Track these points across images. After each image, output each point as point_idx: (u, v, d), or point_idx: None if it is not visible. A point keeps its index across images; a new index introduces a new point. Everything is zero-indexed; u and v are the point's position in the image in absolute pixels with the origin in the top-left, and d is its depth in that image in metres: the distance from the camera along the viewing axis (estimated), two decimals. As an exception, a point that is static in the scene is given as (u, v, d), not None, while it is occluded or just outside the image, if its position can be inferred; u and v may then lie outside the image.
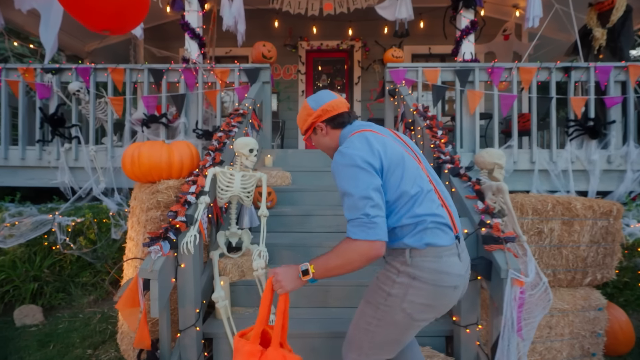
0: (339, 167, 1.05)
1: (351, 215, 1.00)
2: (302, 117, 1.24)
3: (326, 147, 1.25)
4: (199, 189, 1.92)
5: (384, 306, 1.08)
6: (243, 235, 2.23)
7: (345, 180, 1.03)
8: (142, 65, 3.64)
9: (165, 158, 2.09)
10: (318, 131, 1.22)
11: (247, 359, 1.02)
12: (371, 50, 6.25)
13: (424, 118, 2.68)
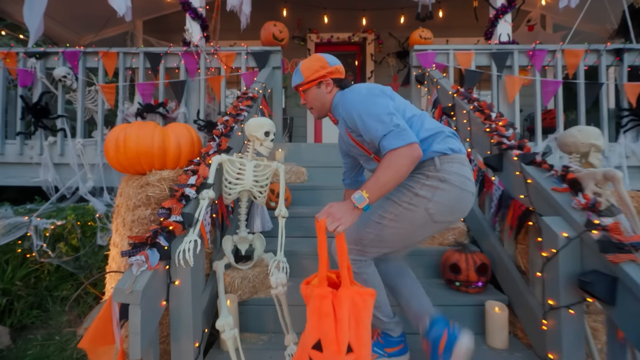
0: (357, 99, 1.12)
1: (383, 130, 1.05)
2: (314, 67, 1.24)
3: (321, 103, 1.28)
4: (200, 180, 1.48)
5: (407, 204, 1.15)
6: (255, 240, 1.78)
7: (367, 107, 1.09)
8: (138, 48, 3.23)
9: (158, 143, 1.66)
10: (322, 86, 1.25)
11: (320, 302, 0.98)
12: (385, 42, 5.85)
13: (469, 100, 2.24)
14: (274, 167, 1.73)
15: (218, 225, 1.72)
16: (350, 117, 1.14)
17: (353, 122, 1.15)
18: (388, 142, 1.04)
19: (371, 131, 1.08)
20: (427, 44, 3.27)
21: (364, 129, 1.11)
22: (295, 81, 1.30)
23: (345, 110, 1.16)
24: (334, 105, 1.27)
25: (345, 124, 1.21)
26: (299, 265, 1.98)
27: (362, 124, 1.11)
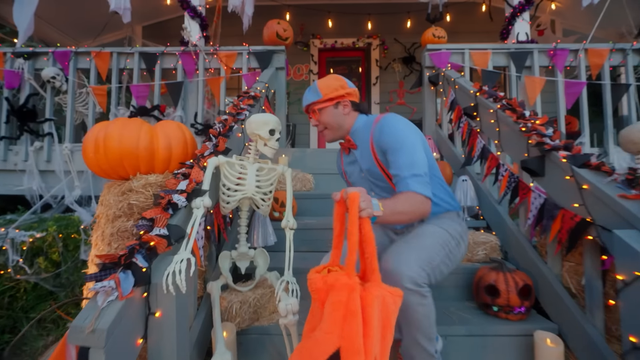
0: (399, 125, 1.13)
1: (414, 170, 1.07)
2: (333, 85, 1.22)
3: (338, 124, 1.24)
4: (192, 186, 1.23)
5: (459, 239, 1.19)
6: (257, 257, 1.53)
7: (406, 138, 1.10)
8: (132, 48, 3.04)
9: (144, 143, 1.42)
10: (340, 107, 1.23)
11: (347, 295, 0.75)
12: (390, 48, 5.70)
13: (495, 99, 2.02)
14: (280, 170, 1.49)
15: (213, 239, 1.47)
16: (389, 144, 1.12)
17: (389, 149, 1.13)
18: (415, 183, 1.05)
19: (402, 166, 1.08)
20: (440, 43, 3.08)
21: (395, 159, 1.10)
22: (310, 98, 1.24)
23: (386, 136, 1.13)
24: (354, 129, 1.24)
25: (380, 149, 1.16)
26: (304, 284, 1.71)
27: (396, 155, 1.10)
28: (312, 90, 1.24)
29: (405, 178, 1.06)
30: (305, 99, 1.27)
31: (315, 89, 1.22)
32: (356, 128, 1.24)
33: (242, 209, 1.49)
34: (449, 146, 2.69)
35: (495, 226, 1.93)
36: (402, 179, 1.07)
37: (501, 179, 1.85)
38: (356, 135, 1.24)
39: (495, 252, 1.75)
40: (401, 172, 1.07)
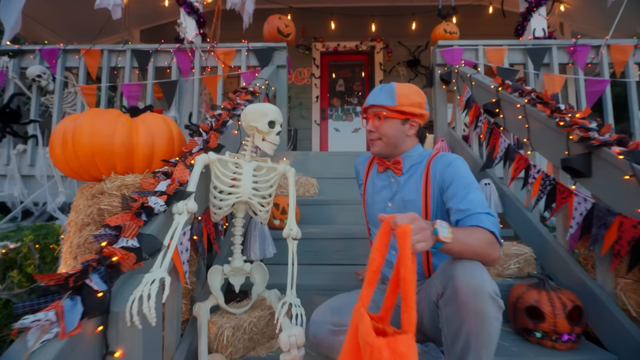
0: (465, 165, 1.04)
1: (487, 210, 0.95)
2: (413, 99, 1.08)
3: (396, 141, 1.10)
4: (174, 187, 1.01)
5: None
6: (254, 272, 1.29)
7: (474, 180, 1.02)
8: (124, 45, 2.86)
9: (122, 137, 1.20)
10: (408, 125, 1.10)
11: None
12: (394, 51, 5.54)
13: (521, 93, 1.81)
14: (281, 170, 1.27)
15: (202, 251, 1.24)
16: (457, 179, 1.01)
17: (455, 183, 1.01)
18: (489, 222, 0.93)
19: (474, 202, 0.97)
20: (452, 39, 2.90)
21: (465, 195, 0.98)
22: (380, 100, 1.08)
23: (453, 171, 1.03)
24: (408, 155, 1.12)
25: (439, 184, 1.05)
26: (310, 303, 1.48)
27: (466, 191, 0.99)
28: (387, 92, 1.08)
29: (478, 214, 0.93)
30: (374, 97, 1.09)
31: (392, 92, 1.07)
32: (410, 154, 1.11)
33: (237, 215, 1.27)
34: (465, 148, 2.47)
35: (526, 235, 1.70)
36: (475, 215, 0.94)
37: (532, 181, 1.63)
38: (407, 162, 1.11)
39: (530, 266, 1.51)
40: (474, 207, 0.95)
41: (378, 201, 1.16)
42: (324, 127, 5.62)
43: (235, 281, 1.28)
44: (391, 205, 1.12)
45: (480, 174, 2.14)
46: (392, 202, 1.12)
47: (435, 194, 1.04)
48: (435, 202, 1.05)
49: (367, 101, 1.11)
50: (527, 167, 1.69)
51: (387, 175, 1.15)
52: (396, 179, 1.11)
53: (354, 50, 5.63)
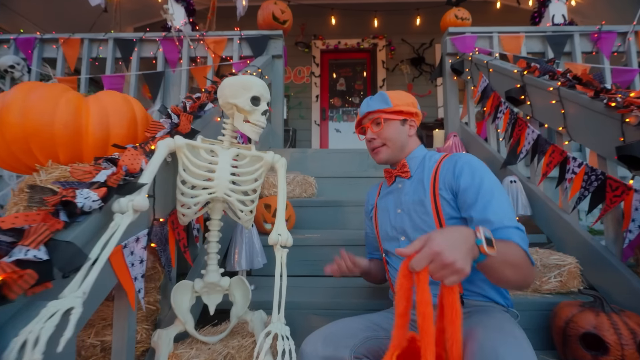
0: (484, 168, 0.90)
1: (517, 224, 0.81)
2: (406, 100, 1.05)
3: (401, 143, 1.03)
4: (118, 177, 0.75)
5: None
6: (233, 289, 1.02)
7: (497, 185, 0.87)
8: (106, 34, 2.63)
9: (65, 118, 0.95)
10: (407, 125, 1.05)
11: None
12: (397, 49, 5.32)
13: (552, 75, 1.56)
14: (268, 160, 1.01)
15: (167, 262, 0.97)
16: (474, 185, 0.87)
17: (472, 189, 0.87)
18: (520, 240, 0.78)
19: (500, 212, 0.81)
20: (464, 25, 2.65)
21: (487, 203, 0.83)
22: (375, 106, 1.03)
23: (468, 176, 0.89)
24: (412, 156, 1.04)
25: (450, 187, 0.91)
26: (305, 324, 1.21)
27: (488, 198, 0.84)
28: (378, 98, 1.05)
29: (507, 228, 0.79)
30: (368, 105, 1.05)
31: (384, 97, 1.04)
32: (414, 156, 1.04)
33: (213, 216, 1.00)
34: (481, 144, 2.21)
35: (563, 242, 1.43)
36: (503, 229, 0.79)
37: (571, 177, 1.36)
38: (412, 164, 1.04)
39: (574, 280, 1.24)
40: (500, 219, 0.80)
41: (386, 213, 1.05)
42: (324, 128, 5.37)
43: (210, 300, 1.01)
44: (400, 212, 0.99)
45: (501, 172, 1.88)
46: (400, 208, 1.00)
47: (446, 196, 0.91)
48: (446, 205, 0.91)
49: (361, 111, 1.06)
50: (563, 161, 1.43)
51: (395, 183, 1.06)
52: (403, 183, 1.02)
53: (356, 48, 5.41)
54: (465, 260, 0.58)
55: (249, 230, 1.32)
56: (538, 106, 1.62)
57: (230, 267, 1.27)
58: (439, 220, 0.89)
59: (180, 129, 1.04)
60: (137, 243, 0.83)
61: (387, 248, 1.03)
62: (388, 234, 1.01)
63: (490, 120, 2.09)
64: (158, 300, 1.05)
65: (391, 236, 1.00)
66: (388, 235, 1.01)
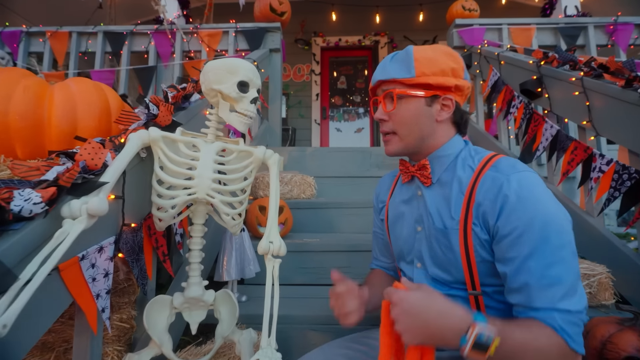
0: (545, 200, 0.58)
1: (569, 300, 0.55)
2: (445, 66, 0.68)
3: (421, 132, 0.70)
4: (72, 174, 0.62)
5: None
6: (218, 303, 0.89)
7: (561, 231, 0.57)
8: (95, 27, 2.51)
9: (21, 106, 0.82)
10: (438, 105, 0.70)
11: None
12: (400, 46, 5.19)
13: (574, 65, 1.42)
14: (259, 156, 0.88)
15: (141, 274, 0.84)
16: (523, 227, 0.57)
17: (516, 233, 0.58)
18: (566, 324, 0.54)
19: (545, 280, 0.55)
20: (472, 17, 2.52)
21: (530, 259, 0.56)
22: (392, 72, 0.70)
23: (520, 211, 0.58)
24: (441, 154, 0.71)
25: (484, 218, 0.62)
26: (302, 342, 1.08)
27: (536, 253, 0.56)
28: (401, 60, 0.70)
29: (549, 310, 0.55)
30: (383, 70, 0.72)
31: (408, 58, 0.69)
32: (442, 154, 0.71)
33: (194, 221, 0.87)
34: (491, 141, 2.08)
35: (589, 248, 1.29)
36: (543, 310, 0.56)
37: (598, 176, 1.23)
38: (439, 165, 0.71)
39: (606, 292, 1.10)
40: (543, 295, 0.56)
41: (404, 225, 0.77)
42: (325, 127, 5.25)
43: (192, 318, 0.88)
44: (421, 230, 0.73)
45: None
46: (421, 226, 0.73)
47: (480, 235, 0.63)
48: (479, 246, 0.63)
49: (374, 77, 0.74)
50: (587, 159, 1.29)
51: (415, 186, 0.76)
52: (423, 191, 0.73)
53: (357, 46, 5.28)
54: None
55: (240, 235, 1.18)
56: (557, 99, 1.49)
57: (218, 276, 1.13)
58: (469, 263, 0.64)
59: (158, 121, 0.91)
60: (101, 253, 0.70)
61: (401, 267, 0.80)
62: (402, 251, 0.78)
63: (501, 116, 1.95)
64: (133, 316, 0.92)
65: (406, 257, 0.77)
66: (402, 253, 0.78)
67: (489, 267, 0.63)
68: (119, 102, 1.01)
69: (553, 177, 1.54)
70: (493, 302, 0.64)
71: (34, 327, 0.56)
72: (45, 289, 0.56)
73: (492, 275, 0.63)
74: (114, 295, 0.90)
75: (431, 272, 0.70)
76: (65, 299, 0.63)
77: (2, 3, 4.21)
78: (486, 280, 0.64)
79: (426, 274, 0.71)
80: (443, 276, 0.68)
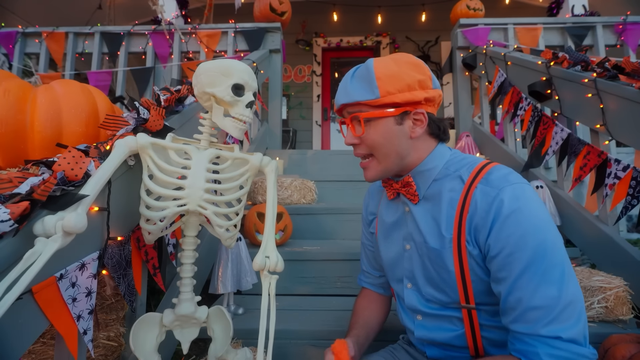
0: (536, 207, 0.56)
1: (559, 326, 0.51)
2: (406, 77, 0.63)
3: (397, 152, 0.66)
4: (48, 187, 0.56)
5: None
6: (211, 321, 0.84)
7: (554, 248, 0.54)
8: (92, 27, 2.46)
9: (3, 112, 0.77)
10: (409, 121, 0.65)
11: None
12: (402, 46, 5.14)
13: (586, 65, 1.36)
14: (255, 164, 0.82)
15: (128, 290, 0.79)
16: (515, 245, 0.54)
17: (506, 252, 0.55)
18: (551, 357, 0.50)
19: (535, 302, 0.52)
20: (476, 17, 2.46)
21: (521, 279, 0.53)
22: (355, 94, 0.65)
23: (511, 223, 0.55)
24: (423, 168, 0.67)
25: (475, 235, 0.59)
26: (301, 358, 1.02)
27: (527, 273, 0.53)
28: (361, 78, 0.66)
29: (531, 337, 0.52)
30: (345, 91, 0.67)
31: (370, 76, 0.64)
32: (424, 169, 0.67)
33: (186, 233, 0.81)
34: (497, 144, 2.02)
35: (600, 258, 1.23)
36: (527, 338, 0.53)
37: (614, 182, 1.16)
38: (423, 180, 0.68)
39: (623, 306, 1.04)
40: (524, 320, 0.53)
41: (392, 242, 0.74)
42: (326, 129, 5.19)
43: (184, 336, 0.82)
44: (410, 248, 0.70)
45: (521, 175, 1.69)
46: (410, 244, 0.70)
47: (473, 253, 0.60)
48: (475, 264, 0.60)
49: (337, 100, 0.70)
50: (601, 164, 1.23)
51: (401, 203, 0.73)
52: (410, 209, 0.69)
53: (358, 46, 5.23)
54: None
55: (236, 244, 1.13)
56: (568, 101, 1.43)
57: (213, 289, 1.08)
58: (464, 282, 0.61)
59: (148, 126, 0.86)
60: (82, 271, 0.64)
61: (392, 285, 0.77)
62: (392, 268, 0.74)
63: (508, 118, 1.89)
64: (122, 334, 0.86)
65: (396, 275, 0.74)
66: (392, 270, 0.74)
67: (484, 286, 0.61)
68: (109, 105, 0.96)
69: (563, 183, 1.48)
70: (488, 320, 0.62)
71: (7, 351, 0.51)
72: (17, 314, 0.51)
73: (488, 294, 0.61)
74: (101, 312, 0.85)
75: (425, 292, 0.67)
76: (42, 323, 0.57)
77: (1, 4, 4.18)
78: (482, 299, 0.61)
79: (419, 294, 0.68)
80: (438, 296, 0.65)
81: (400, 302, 0.75)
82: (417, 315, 0.70)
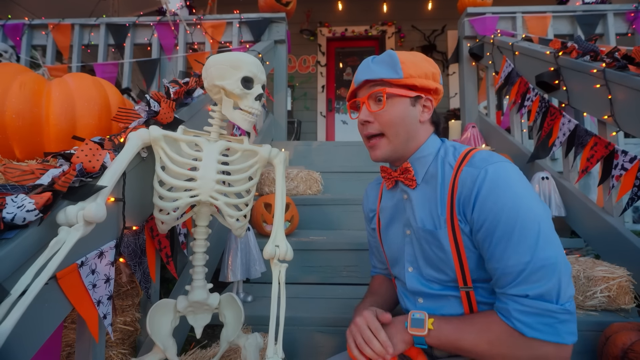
0: (515, 177, 0.61)
1: (527, 288, 0.57)
2: (424, 68, 0.71)
3: (407, 132, 0.71)
4: (69, 178, 0.59)
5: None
6: (223, 307, 0.87)
7: (535, 217, 0.58)
8: (98, 19, 2.46)
9: (17, 104, 0.79)
10: (420, 106, 0.72)
11: None
12: (407, 36, 5.06)
13: (595, 55, 1.35)
14: (264, 155, 0.84)
15: (144, 278, 0.82)
16: (499, 217, 0.59)
17: (492, 225, 0.60)
18: (519, 313, 0.57)
19: (516, 264, 0.57)
20: (484, 5, 2.42)
21: (502, 250, 0.59)
22: (379, 72, 0.70)
23: (495, 201, 0.60)
24: (420, 154, 0.73)
25: (463, 211, 0.64)
26: (309, 344, 1.06)
27: (505, 241, 0.58)
28: (385, 61, 0.71)
29: (506, 296, 0.59)
30: (369, 69, 0.71)
31: (393, 60, 0.70)
32: (422, 155, 0.73)
33: (198, 223, 0.84)
34: (503, 135, 2.01)
35: (604, 248, 1.24)
36: (501, 296, 0.61)
37: (620, 174, 1.17)
38: (420, 166, 0.73)
39: (626, 296, 1.05)
40: (499, 283, 0.61)
41: (395, 230, 0.78)
42: (331, 120, 5.18)
43: (197, 321, 0.85)
44: (410, 233, 0.74)
45: (527, 167, 1.69)
46: (410, 229, 0.74)
47: (464, 229, 0.65)
48: (467, 240, 0.65)
49: (357, 77, 0.73)
50: (608, 155, 1.23)
51: (399, 191, 0.77)
52: (409, 194, 0.74)
53: (363, 36, 5.16)
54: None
55: (245, 234, 1.16)
56: (576, 92, 1.42)
57: (223, 277, 1.11)
58: (460, 260, 0.65)
59: (160, 118, 0.88)
60: (101, 258, 0.67)
61: (394, 273, 0.81)
62: (395, 256, 0.78)
63: (515, 109, 1.88)
64: (137, 319, 0.90)
65: (398, 261, 0.77)
66: (395, 257, 0.78)
67: (478, 261, 0.65)
68: (120, 98, 0.98)
69: (569, 174, 1.48)
70: (486, 297, 0.66)
71: (35, 334, 0.54)
72: (43, 298, 0.54)
73: (482, 270, 0.65)
74: (117, 298, 0.89)
75: (426, 273, 0.71)
76: (65, 307, 0.61)
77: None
78: (477, 276, 0.65)
79: (421, 276, 0.72)
80: (437, 276, 0.69)
81: (401, 287, 0.78)
82: (418, 298, 0.73)
